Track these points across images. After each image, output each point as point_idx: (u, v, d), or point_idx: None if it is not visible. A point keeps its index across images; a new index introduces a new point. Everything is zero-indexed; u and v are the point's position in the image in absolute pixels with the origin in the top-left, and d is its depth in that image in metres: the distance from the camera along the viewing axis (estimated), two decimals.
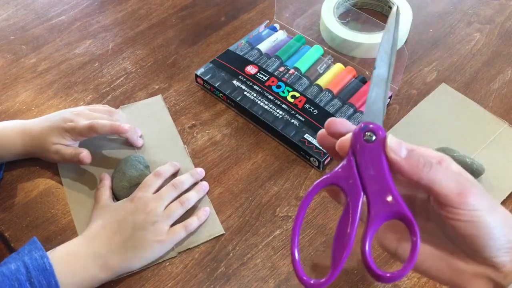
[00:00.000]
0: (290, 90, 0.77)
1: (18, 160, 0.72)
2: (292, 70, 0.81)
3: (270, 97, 0.77)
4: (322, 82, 0.80)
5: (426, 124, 0.76)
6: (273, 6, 0.92)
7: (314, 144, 0.71)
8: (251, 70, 0.80)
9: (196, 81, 0.82)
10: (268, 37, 0.86)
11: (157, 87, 0.82)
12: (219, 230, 0.66)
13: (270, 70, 0.81)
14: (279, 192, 0.70)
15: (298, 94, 0.77)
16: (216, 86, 0.79)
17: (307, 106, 0.76)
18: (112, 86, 0.82)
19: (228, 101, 0.78)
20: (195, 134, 0.76)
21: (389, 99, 0.78)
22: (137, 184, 0.67)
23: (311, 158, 0.71)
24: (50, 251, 0.58)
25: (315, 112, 0.75)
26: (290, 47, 0.85)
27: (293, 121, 0.74)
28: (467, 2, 0.94)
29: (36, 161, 0.72)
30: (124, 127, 0.69)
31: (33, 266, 0.55)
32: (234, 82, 0.79)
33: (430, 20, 0.92)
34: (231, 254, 0.64)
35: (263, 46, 0.85)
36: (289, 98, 0.76)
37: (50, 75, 0.84)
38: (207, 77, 0.80)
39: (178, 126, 0.77)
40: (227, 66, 0.81)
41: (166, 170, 0.69)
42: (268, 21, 0.91)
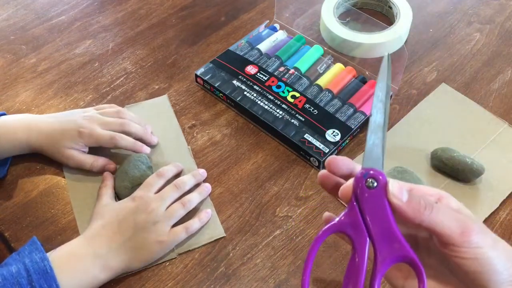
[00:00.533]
0: (290, 90, 0.77)
1: (19, 159, 0.72)
2: (292, 70, 0.81)
3: (270, 97, 0.77)
4: (322, 82, 0.80)
5: (426, 124, 0.76)
6: (273, 6, 0.92)
7: (314, 144, 0.71)
8: (251, 70, 0.80)
9: (196, 81, 0.82)
10: (268, 37, 0.86)
11: (157, 87, 0.82)
12: (220, 232, 0.66)
13: (270, 70, 0.81)
14: (279, 192, 0.70)
15: (298, 94, 0.77)
16: (216, 86, 0.79)
17: (307, 106, 0.76)
18: (112, 86, 0.82)
19: (228, 101, 0.78)
20: (195, 134, 0.76)
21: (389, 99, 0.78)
22: (139, 184, 0.67)
23: (311, 158, 0.71)
24: (50, 252, 0.58)
25: (315, 112, 0.75)
26: (290, 47, 0.85)
27: (293, 121, 0.74)
28: (467, 2, 0.94)
29: (36, 160, 0.72)
30: (145, 149, 0.71)
31: (34, 269, 0.55)
32: (234, 82, 0.79)
33: (430, 20, 0.92)
34: (231, 254, 0.64)
35: (263, 46, 0.85)
36: (289, 98, 0.76)
37: (50, 75, 0.84)
38: (207, 77, 0.80)
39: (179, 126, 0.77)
40: (227, 66, 0.81)
41: (168, 171, 0.69)
42: (268, 21, 0.91)
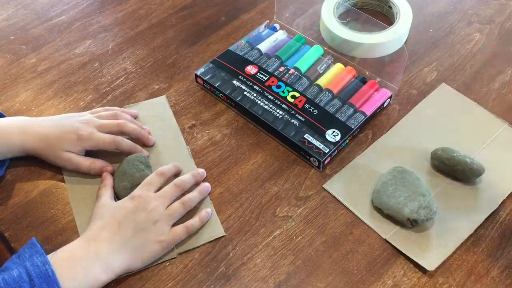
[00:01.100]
0: (290, 90, 0.77)
1: (19, 160, 0.72)
2: (292, 70, 0.81)
3: (270, 97, 0.77)
4: (322, 82, 0.80)
5: (426, 124, 0.76)
6: (273, 6, 0.92)
7: (314, 144, 0.71)
8: (251, 70, 0.80)
9: (196, 81, 0.82)
10: (268, 37, 0.86)
11: (157, 87, 0.82)
12: (220, 232, 0.66)
13: (270, 70, 0.81)
14: (279, 192, 0.70)
15: (298, 94, 0.77)
16: (216, 86, 0.79)
17: (307, 106, 0.76)
18: (112, 86, 0.82)
19: (228, 101, 0.78)
20: (195, 134, 0.76)
21: (389, 99, 0.78)
22: (138, 184, 0.67)
23: (311, 158, 0.71)
24: (50, 255, 0.58)
25: (315, 112, 0.75)
26: (290, 47, 0.85)
27: (293, 121, 0.74)
28: (467, 2, 0.94)
29: (36, 161, 0.72)
30: (145, 151, 0.72)
31: (35, 273, 0.55)
32: (234, 82, 0.79)
33: (430, 20, 0.92)
34: (231, 254, 0.64)
35: (263, 46, 0.85)
36: (289, 98, 0.76)
37: (50, 75, 0.84)
38: (207, 77, 0.80)
39: (178, 126, 0.77)
40: (227, 66, 0.81)
41: (168, 170, 0.69)
42: (268, 21, 0.91)
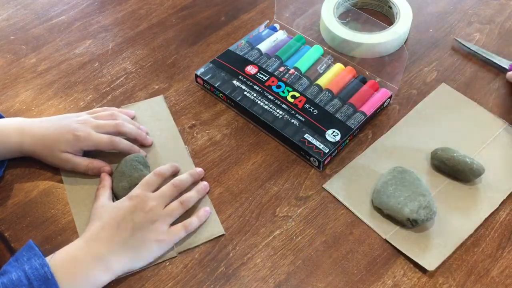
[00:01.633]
0: (290, 90, 0.77)
1: (18, 160, 0.72)
2: (292, 70, 0.81)
3: (270, 97, 0.77)
4: (322, 82, 0.80)
5: (426, 124, 0.76)
6: (273, 6, 0.92)
7: (314, 144, 0.71)
8: (251, 70, 0.80)
9: (196, 81, 0.82)
10: (268, 37, 0.86)
11: (157, 87, 0.82)
12: (219, 230, 0.66)
13: (270, 70, 0.81)
14: (279, 192, 0.70)
15: (298, 94, 0.77)
16: (216, 86, 0.79)
17: (307, 106, 0.76)
18: (112, 86, 0.82)
19: (228, 101, 0.78)
20: (195, 134, 0.76)
21: (389, 99, 0.78)
22: (136, 184, 0.67)
23: (311, 158, 0.71)
24: (49, 257, 0.58)
25: (315, 112, 0.75)
26: (290, 47, 0.85)
27: (293, 121, 0.74)
28: (467, 2, 0.94)
29: (36, 161, 0.72)
30: (142, 151, 0.73)
31: (34, 276, 0.54)
32: (234, 82, 0.79)
33: (430, 20, 0.92)
34: (231, 254, 0.64)
35: (263, 46, 0.85)
36: (289, 98, 0.76)
37: (50, 75, 0.84)
38: (207, 77, 0.80)
39: (178, 126, 0.77)
40: (227, 66, 0.81)
41: (165, 170, 0.69)
42: (268, 21, 0.91)
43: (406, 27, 0.86)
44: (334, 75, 0.81)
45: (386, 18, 0.92)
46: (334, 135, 0.72)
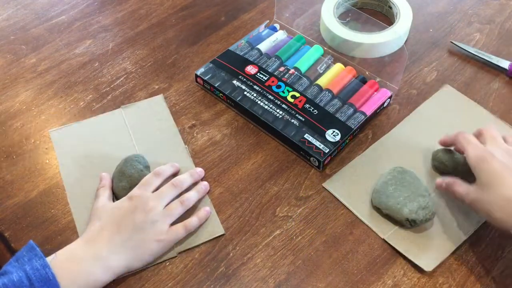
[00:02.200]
0: (290, 90, 0.77)
1: (18, 160, 0.72)
2: (292, 70, 0.81)
3: (270, 97, 0.77)
4: (322, 82, 0.80)
5: (426, 124, 0.76)
6: (273, 6, 0.93)
7: (314, 144, 0.71)
8: (251, 70, 0.80)
9: (196, 81, 0.82)
10: (268, 37, 0.86)
11: (157, 87, 0.82)
12: (220, 230, 0.66)
13: (270, 70, 0.81)
14: (279, 192, 0.70)
15: (298, 94, 0.77)
16: (216, 86, 0.79)
17: (307, 106, 0.76)
18: (112, 86, 0.82)
19: (228, 101, 0.78)
20: (195, 134, 0.76)
21: (389, 99, 0.78)
22: (136, 184, 0.67)
23: (311, 158, 0.71)
24: (50, 258, 0.58)
25: (315, 112, 0.75)
26: (290, 47, 0.85)
27: (293, 121, 0.74)
28: (467, 2, 0.94)
29: (36, 161, 0.72)
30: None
31: (35, 277, 0.54)
32: (234, 82, 0.79)
33: (430, 20, 0.92)
34: (231, 254, 0.64)
35: (263, 46, 0.85)
36: (289, 98, 0.76)
37: (50, 75, 0.84)
38: (207, 77, 0.80)
39: (178, 126, 0.77)
40: (227, 66, 0.81)
41: (165, 170, 0.69)
42: (268, 21, 0.91)
43: (406, 27, 0.86)
44: (334, 75, 0.81)
45: (386, 18, 0.92)
46: (334, 135, 0.72)
